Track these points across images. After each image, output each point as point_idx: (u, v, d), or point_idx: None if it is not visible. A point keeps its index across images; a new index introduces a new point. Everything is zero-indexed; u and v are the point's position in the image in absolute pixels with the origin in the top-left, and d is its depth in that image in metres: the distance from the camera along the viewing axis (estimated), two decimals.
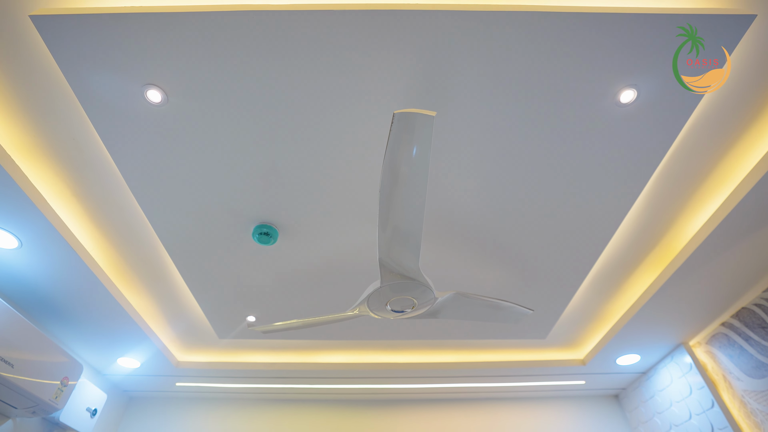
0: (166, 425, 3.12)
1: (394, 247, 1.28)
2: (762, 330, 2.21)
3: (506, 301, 1.62)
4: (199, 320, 2.53)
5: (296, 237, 1.85)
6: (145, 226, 1.90)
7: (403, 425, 3.13)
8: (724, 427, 2.34)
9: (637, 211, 1.88)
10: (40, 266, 1.98)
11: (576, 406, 3.24)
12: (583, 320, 2.56)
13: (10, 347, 1.99)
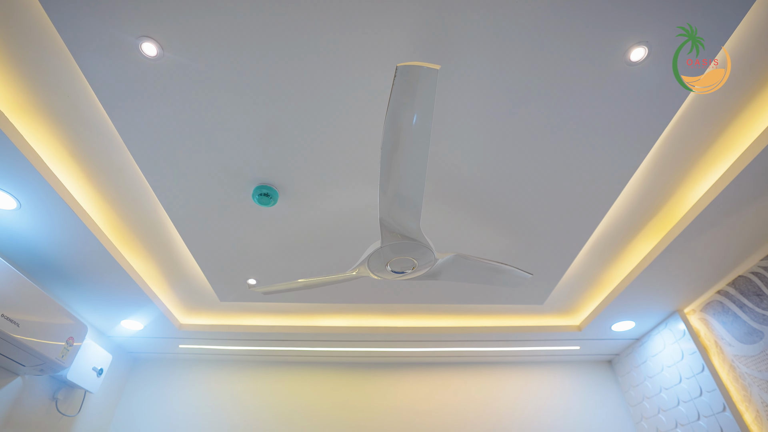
0: (170, 385, 3.21)
1: (395, 207, 1.27)
2: (757, 297, 2.24)
3: (506, 265, 1.63)
4: (200, 283, 2.56)
5: (296, 198, 1.84)
6: (144, 187, 1.89)
7: (402, 387, 3.22)
8: (713, 389, 2.41)
9: (641, 177, 1.86)
10: (39, 227, 1.98)
11: (570, 371, 3.32)
12: (581, 287, 2.59)
13: (14, 307, 2.01)
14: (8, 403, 2.29)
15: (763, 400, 2.17)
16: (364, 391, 3.20)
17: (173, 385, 3.21)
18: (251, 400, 3.15)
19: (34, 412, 2.44)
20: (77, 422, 2.75)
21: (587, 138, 1.63)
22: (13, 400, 2.32)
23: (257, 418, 3.07)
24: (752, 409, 2.25)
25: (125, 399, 3.15)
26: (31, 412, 2.42)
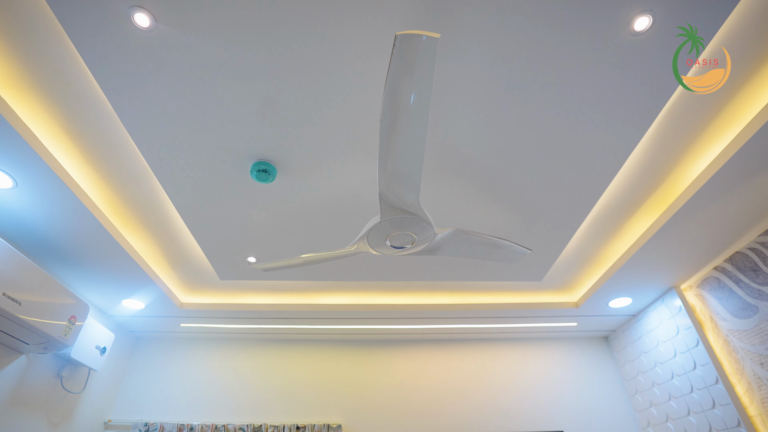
0: (172, 364, 3.26)
1: (395, 180, 1.26)
2: (753, 273, 2.26)
3: (505, 240, 1.63)
4: (200, 262, 2.57)
5: (295, 175, 1.83)
6: (141, 164, 1.87)
7: (401, 364, 3.27)
8: (706, 363, 2.46)
9: (641, 153, 1.85)
10: (37, 206, 1.97)
11: (567, 347, 3.38)
12: (579, 263, 2.61)
13: (16, 287, 2.02)
14: (14, 380, 2.33)
15: (755, 372, 2.22)
16: (363, 368, 3.25)
17: (176, 363, 3.26)
18: (253, 377, 3.21)
19: (40, 389, 2.48)
20: (83, 399, 2.80)
21: (588, 113, 1.61)
22: (19, 377, 2.35)
23: (259, 394, 3.13)
24: (744, 381, 2.29)
25: (129, 377, 3.20)
26: (37, 389, 2.46)
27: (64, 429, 2.63)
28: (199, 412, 3.03)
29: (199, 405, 3.07)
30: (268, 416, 3.03)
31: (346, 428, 2.98)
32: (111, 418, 3.01)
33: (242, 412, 3.05)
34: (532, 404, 3.09)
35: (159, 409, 3.05)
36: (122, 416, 3.02)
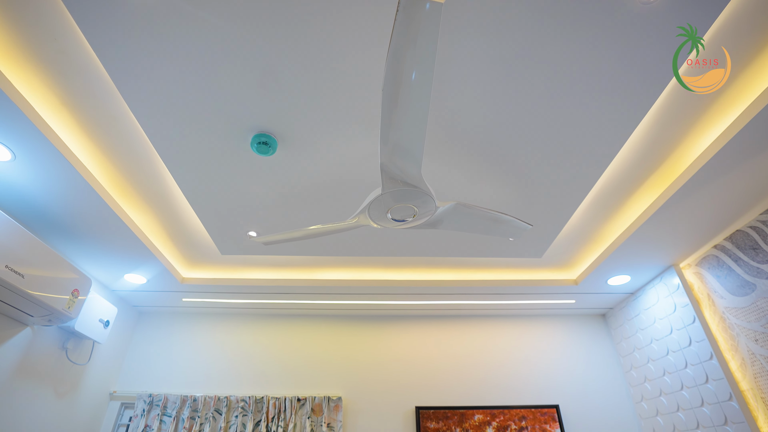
0: (175, 337, 3.31)
1: (397, 152, 1.25)
2: (753, 251, 2.26)
3: (506, 215, 1.63)
4: (201, 236, 2.57)
5: (296, 147, 1.81)
6: (140, 137, 1.85)
7: (401, 339, 3.32)
8: (702, 339, 2.49)
9: (645, 129, 1.83)
10: (36, 180, 1.96)
11: (564, 324, 3.42)
12: (579, 241, 2.62)
13: (18, 260, 2.03)
14: (20, 351, 2.36)
15: (749, 348, 2.25)
16: (363, 342, 3.31)
17: (178, 337, 3.31)
18: (254, 351, 3.26)
19: (45, 360, 2.53)
20: (88, 370, 2.85)
21: (593, 87, 1.59)
22: (25, 348, 2.39)
23: (260, 367, 3.19)
24: (738, 357, 2.33)
25: (132, 350, 3.26)
26: (43, 360, 2.51)
27: (70, 399, 2.69)
28: (202, 384, 3.10)
29: (202, 377, 3.13)
30: (270, 388, 3.09)
31: (346, 400, 3.05)
32: (116, 389, 3.08)
33: (244, 384, 3.11)
34: (529, 379, 3.16)
35: (163, 381, 3.12)
36: (127, 387, 3.09)
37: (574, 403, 3.06)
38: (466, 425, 2.92)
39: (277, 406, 2.92)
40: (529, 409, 2.99)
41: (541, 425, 2.93)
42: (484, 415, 2.96)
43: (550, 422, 2.94)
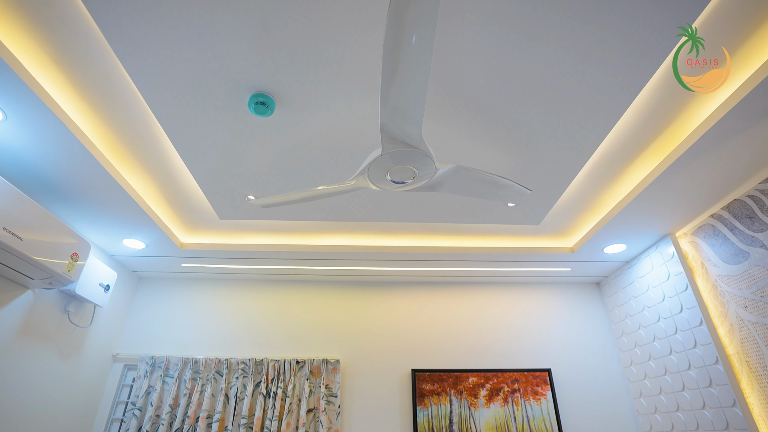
0: (175, 302, 3.36)
1: (397, 111, 1.23)
2: (749, 220, 2.28)
3: (506, 179, 1.63)
4: (199, 201, 2.56)
5: (294, 108, 1.77)
6: (135, 97, 1.81)
7: (397, 304, 3.38)
8: (693, 306, 2.54)
9: (647, 95, 1.80)
10: (29, 141, 1.92)
11: (559, 292, 3.48)
12: (577, 209, 2.62)
13: (16, 223, 2.03)
14: (23, 313, 2.39)
15: (738, 314, 2.30)
16: (361, 308, 3.36)
17: (179, 302, 3.36)
18: (254, 315, 3.32)
19: (48, 322, 2.57)
20: (90, 333, 2.90)
21: (598, 51, 1.55)
22: (27, 310, 2.42)
23: (260, 331, 3.25)
24: (726, 323, 2.39)
25: (134, 314, 3.31)
26: (45, 322, 2.55)
27: (74, 360, 2.75)
28: (203, 347, 3.17)
29: (203, 340, 3.20)
30: (269, 351, 3.17)
31: (344, 363, 3.13)
32: (119, 351, 3.15)
33: (244, 347, 3.18)
34: (522, 344, 3.24)
35: (164, 343, 3.18)
36: (129, 350, 3.16)
37: (565, 367, 3.16)
38: (460, 387, 3.02)
39: (277, 368, 3.00)
40: (522, 372, 3.08)
41: (533, 387, 3.03)
42: (478, 378, 3.05)
43: (542, 385, 3.04)
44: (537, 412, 2.95)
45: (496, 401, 2.98)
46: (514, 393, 3.01)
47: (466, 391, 3.00)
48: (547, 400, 2.99)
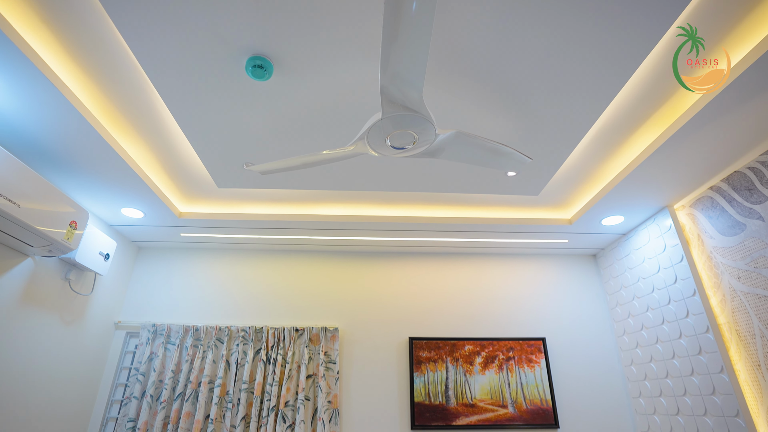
0: (175, 271, 3.38)
1: (398, 73, 1.20)
2: (747, 192, 2.28)
3: (507, 146, 1.61)
4: (197, 169, 2.54)
5: (292, 72, 1.73)
6: (130, 60, 1.76)
7: (396, 274, 3.42)
8: (687, 277, 2.58)
9: (650, 65, 1.76)
10: (22, 106, 1.88)
11: (556, 264, 3.52)
12: (576, 180, 2.62)
13: (13, 190, 2.01)
14: (23, 280, 2.41)
15: (731, 285, 2.34)
16: (360, 277, 3.40)
17: (179, 271, 3.38)
18: (254, 284, 3.35)
19: (49, 290, 2.59)
20: (92, 301, 2.94)
21: (604, 15, 1.50)
22: (28, 278, 2.44)
23: (260, 300, 3.30)
24: (719, 293, 2.43)
25: (134, 283, 3.34)
26: (47, 290, 2.57)
27: (77, 327, 2.80)
28: (204, 316, 3.22)
29: (203, 309, 3.25)
30: (269, 320, 3.22)
31: (343, 331, 3.19)
32: (120, 319, 3.19)
33: (244, 315, 3.23)
34: (518, 314, 3.30)
35: (165, 312, 3.23)
36: (131, 318, 3.20)
37: (559, 337, 3.23)
38: (456, 355, 3.09)
39: (277, 336, 3.06)
40: (517, 341, 3.15)
41: (528, 355, 3.11)
42: (474, 346, 3.12)
43: (536, 353, 3.12)
44: (530, 378, 3.04)
45: (491, 368, 3.06)
46: (508, 360, 3.08)
47: (462, 359, 3.08)
48: (540, 367, 3.07)
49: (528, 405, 2.96)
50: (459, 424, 2.89)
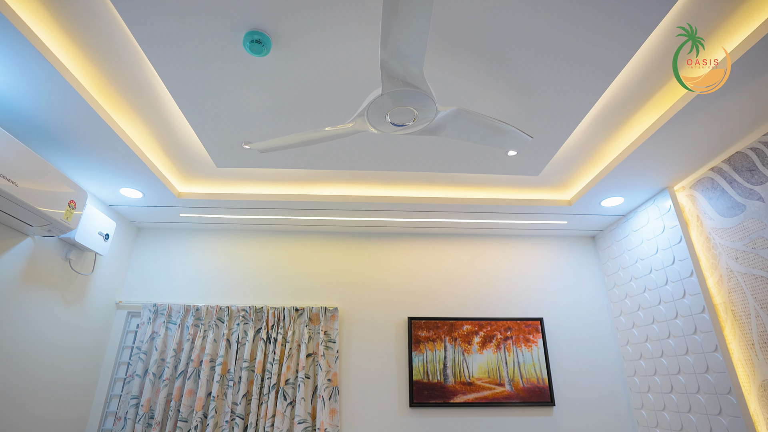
0: (175, 252, 3.39)
1: (399, 47, 1.18)
2: (749, 173, 2.27)
3: (508, 124, 1.59)
4: (195, 148, 2.52)
5: (291, 47, 1.70)
6: (126, 36, 1.72)
7: (395, 255, 3.43)
8: (685, 258, 2.59)
9: (653, 43, 1.73)
10: (17, 83, 1.85)
11: (554, 245, 3.53)
12: (577, 160, 2.60)
13: (10, 168, 2.00)
14: (23, 260, 2.42)
15: (729, 266, 2.35)
16: (360, 258, 3.42)
17: (179, 251, 3.39)
18: (254, 264, 3.37)
19: (50, 269, 2.60)
20: (92, 281, 2.95)
21: None
22: (28, 257, 2.44)
23: (260, 280, 3.32)
24: (716, 274, 2.44)
25: (134, 263, 3.35)
26: (47, 269, 2.58)
27: (79, 306, 2.82)
28: (204, 296, 3.24)
29: (204, 289, 3.27)
30: (269, 299, 3.24)
31: (342, 311, 3.22)
32: (121, 299, 3.22)
33: (244, 295, 3.26)
34: (516, 295, 3.33)
35: (166, 292, 3.25)
36: (132, 298, 3.23)
37: (557, 317, 3.26)
38: (454, 334, 3.13)
39: (277, 315, 3.08)
40: (515, 321, 3.19)
41: (525, 335, 3.15)
42: (472, 326, 3.16)
43: (533, 333, 3.16)
44: (528, 357, 3.08)
45: (488, 347, 3.10)
46: (506, 340, 3.12)
47: (460, 338, 3.12)
48: (537, 347, 3.12)
49: (525, 383, 3.01)
50: (457, 401, 2.95)
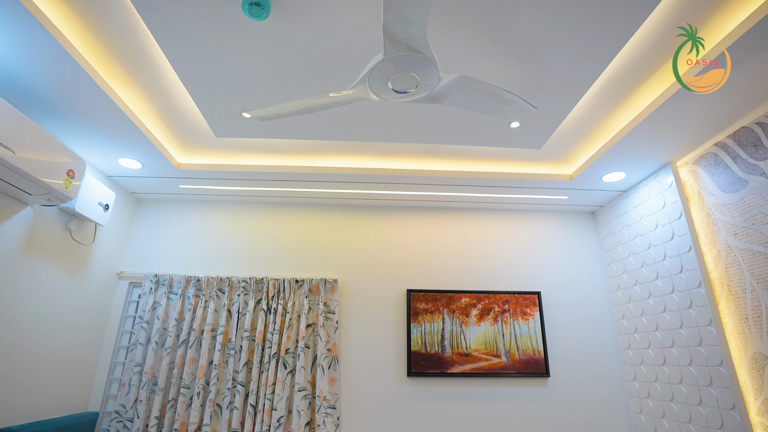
0: (176, 223, 3.40)
1: (402, 10, 1.14)
2: (753, 148, 2.25)
3: (512, 93, 1.57)
4: (194, 118, 2.49)
5: (291, 11, 1.64)
6: (123, 3, 1.67)
7: (395, 228, 3.44)
8: (684, 233, 2.60)
9: (663, 12, 1.68)
10: (14, 51, 1.81)
11: (554, 220, 3.54)
12: (580, 134, 2.57)
13: (8, 136, 1.98)
14: (25, 229, 2.42)
15: (727, 241, 2.36)
16: (360, 230, 3.42)
17: (179, 223, 3.40)
18: (254, 236, 3.38)
19: (51, 239, 2.61)
20: (94, 251, 2.97)
21: None
22: (29, 227, 2.44)
23: (260, 251, 3.33)
24: (714, 249, 2.46)
25: (135, 234, 3.36)
26: (48, 239, 2.58)
27: (81, 276, 2.84)
28: (205, 267, 3.26)
29: (205, 260, 3.29)
30: (269, 271, 3.27)
31: (342, 283, 3.25)
32: (123, 269, 3.24)
33: (245, 266, 3.28)
34: (515, 269, 3.35)
35: (167, 262, 3.27)
36: (133, 268, 3.25)
37: (554, 291, 3.30)
38: (453, 306, 3.17)
39: (277, 287, 3.12)
40: (513, 294, 3.22)
41: (522, 308, 3.19)
42: (470, 298, 3.20)
43: (531, 306, 3.20)
44: (524, 330, 3.13)
45: (486, 320, 3.15)
46: (504, 313, 3.17)
47: (458, 311, 3.16)
48: (534, 320, 3.16)
49: (521, 355, 3.07)
50: (453, 371, 3.01)
